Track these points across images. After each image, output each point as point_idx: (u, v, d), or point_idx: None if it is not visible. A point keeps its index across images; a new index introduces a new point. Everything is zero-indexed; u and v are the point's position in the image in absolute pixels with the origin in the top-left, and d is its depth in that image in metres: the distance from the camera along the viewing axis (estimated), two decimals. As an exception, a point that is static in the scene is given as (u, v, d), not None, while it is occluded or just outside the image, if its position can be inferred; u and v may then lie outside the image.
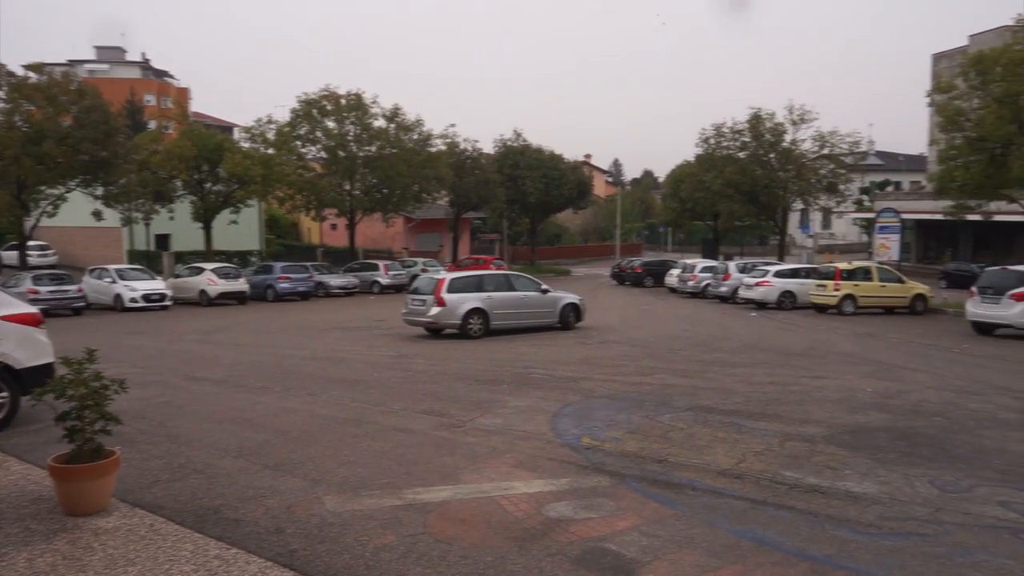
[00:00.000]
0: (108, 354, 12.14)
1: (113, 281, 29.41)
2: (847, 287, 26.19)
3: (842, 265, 28.05)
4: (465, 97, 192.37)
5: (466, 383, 12.41)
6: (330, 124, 41.32)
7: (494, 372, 13.60)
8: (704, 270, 35.16)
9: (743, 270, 31.92)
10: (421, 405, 10.56)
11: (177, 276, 34.20)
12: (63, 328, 20.35)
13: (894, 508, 6.28)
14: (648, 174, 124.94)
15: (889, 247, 35.15)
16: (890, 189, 59.03)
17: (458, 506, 6.31)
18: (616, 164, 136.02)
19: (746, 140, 41.20)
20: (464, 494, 6.61)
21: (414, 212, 48.49)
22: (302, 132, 41.15)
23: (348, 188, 42.00)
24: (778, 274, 29.34)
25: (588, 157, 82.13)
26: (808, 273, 29.30)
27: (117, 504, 6.13)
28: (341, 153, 40.92)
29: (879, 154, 66.24)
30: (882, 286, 26.62)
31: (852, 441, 8.47)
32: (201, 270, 32.59)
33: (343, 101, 40.70)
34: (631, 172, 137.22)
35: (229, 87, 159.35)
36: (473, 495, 6.58)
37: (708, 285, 33.83)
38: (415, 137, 42.80)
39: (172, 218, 37.62)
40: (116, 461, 6.03)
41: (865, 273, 26.95)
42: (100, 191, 33.01)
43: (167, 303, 29.73)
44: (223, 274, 32.40)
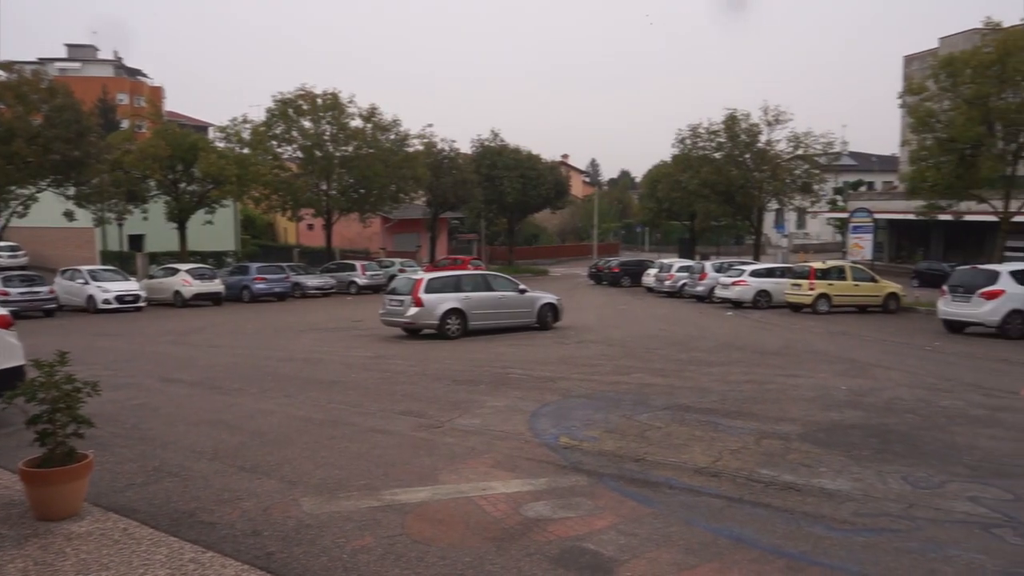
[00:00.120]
0: (80, 356, 11.99)
1: (85, 282, 29.01)
2: (821, 286, 26.48)
3: (816, 264, 28.35)
4: (442, 97, 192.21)
5: (444, 383, 12.39)
6: (306, 124, 41.07)
7: (472, 372, 13.59)
8: (681, 270, 35.38)
9: (719, 270, 32.15)
10: (399, 406, 10.53)
11: (151, 277, 33.79)
12: (34, 330, 20.04)
13: (868, 504, 6.36)
14: (625, 174, 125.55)
15: (862, 246, 35.57)
16: (863, 189, 59.78)
17: (436, 507, 6.30)
18: (593, 164, 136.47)
19: (722, 141, 41.49)
20: (442, 495, 6.60)
21: (391, 212, 48.33)
22: (278, 132, 40.86)
23: (325, 188, 41.77)
24: (754, 273, 29.59)
25: (565, 157, 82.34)
26: (783, 272, 29.59)
27: (90, 508, 6.04)
28: (317, 153, 40.70)
29: (852, 155, 67.04)
30: (856, 285, 26.94)
31: (827, 439, 8.57)
32: (176, 271, 32.24)
33: (319, 101, 40.48)
34: (608, 172, 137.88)
35: (203, 86, 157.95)
36: (451, 496, 6.57)
37: (685, 285, 34.06)
38: (392, 137, 42.67)
39: (146, 218, 37.18)
40: (89, 465, 5.95)
41: (839, 272, 27.27)
42: (72, 191, 32.52)
43: (141, 304, 29.38)
44: (198, 275, 32.08)
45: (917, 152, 28.31)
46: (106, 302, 28.37)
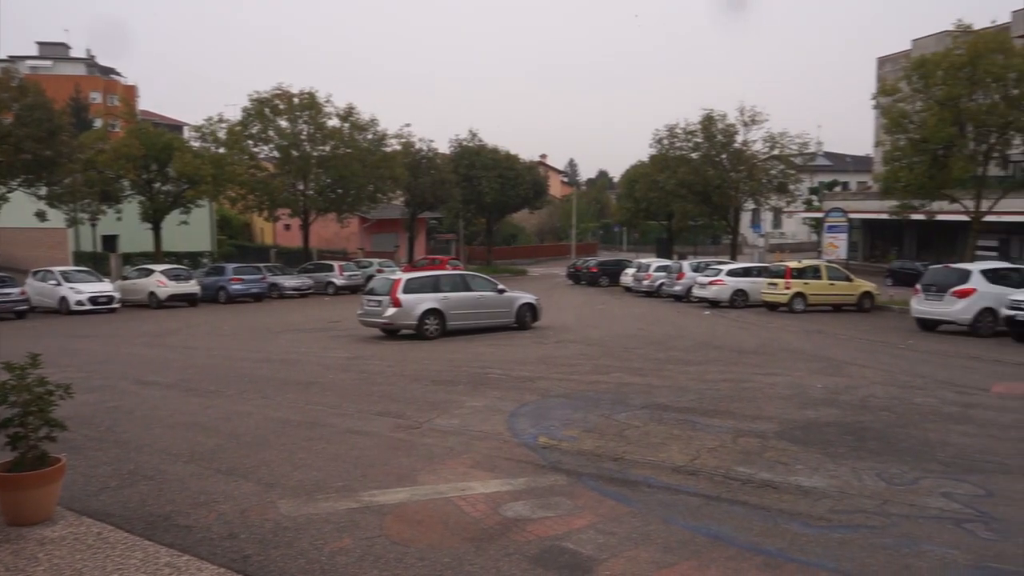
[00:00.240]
0: (53, 359, 11.82)
1: (58, 283, 28.61)
2: (797, 285, 26.73)
3: (792, 264, 28.62)
4: (419, 97, 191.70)
5: (422, 384, 12.36)
6: (283, 123, 40.75)
7: (451, 373, 13.57)
8: (658, 269, 35.58)
9: (697, 269, 32.37)
10: (377, 407, 10.49)
11: (125, 278, 33.37)
12: (5, 332, 19.74)
13: (843, 501, 6.43)
14: (603, 174, 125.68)
15: (837, 246, 35.94)
16: (838, 189, 60.40)
17: (415, 508, 6.28)
18: (572, 164, 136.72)
19: (698, 141, 41.70)
20: (421, 495, 6.58)
21: (369, 212, 48.13)
22: (254, 131, 40.49)
23: (302, 188, 41.49)
24: (731, 273, 29.81)
25: (544, 157, 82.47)
26: (760, 272, 29.83)
27: (63, 513, 5.96)
28: (294, 152, 40.41)
29: (827, 155, 67.75)
30: (831, 284, 27.22)
31: (803, 436, 8.65)
32: (150, 272, 31.87)
33: (296, 100, 40.20)
34: (586, 172, 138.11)
35: (178, 86, 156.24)
36: (430, 496, 6.56)
37: (662, 284, 34.27)
38: (370, 137, 42.48)
39: (120, 219, 36.69)
40: (61, 468, 5.88)
41: (814, 272, 27.54)
42: (44, 191, 32.02)
43: (115, 306, 29.01)
44: (173, 276, 31.76)
45: (890, 153, 28.64)
46: (79, 303, 27.99)
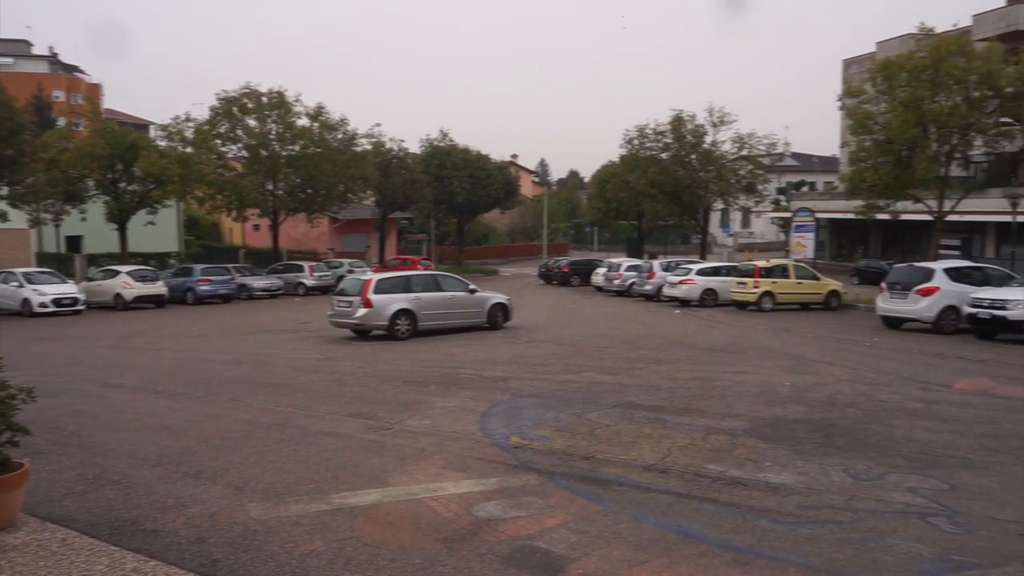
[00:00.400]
0: (16, 362, 11.58)
1: (20, 285, 28.04)
2: (766, 284, 27.03)
3: (761, 263, 28.94)
4: (388, 96, 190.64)
5: (394, 385, 12.31)
6: (251, 122, 40.34)
7: (422, 373, 13.53)
8: (629, 269, 35.76)
9: (667, 268, 32.58)
10: (348, 408, 10.43)
11: (90, 279, 32.84)
12: (-35, 335, 19.32)
13: (811, 497, 6.52)
14: (574, 174, 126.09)
15: (805, 245, 36.48)
16: (805, 189, 61.13)
17: (387, 509, 6.25)
18: (543, 164, 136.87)
19: (668, 141, 42.00)
20: (393, 497, 6.56)
21: (339, 212, 47.85)
22: (222, 130, 40.04)
23: (271, 188, 41.10)
24: (700, 272, 30.07)
25: (515, 157, 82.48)
26: (729, 271, 30.12)
27: (26, 519, 5.85)
28: (263, 152, 40.00)
29: (795, 155, 68.57)
30: (799, 283, 27.57)
31: (771, 433, 8.75)
32: (116, 273, 31.39)
33: (264, 99, 39.82)
34: (557, 172, 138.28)
35: (147, 84, 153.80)
36: (402, 497, 6.53)
37: (633, 283, 34.44)
38: (340, 136, 42.21)
39: (84, 219, 36.06)
40: (24, 474, 5.77)
41: (783, 271, 27.89)
42: (5, 191, 31.40)
43: (80, 308, 28.50)
44: (140, 277, 31.29)
45: (856, 153, 29.10)
46: (42, 305, 27.47)
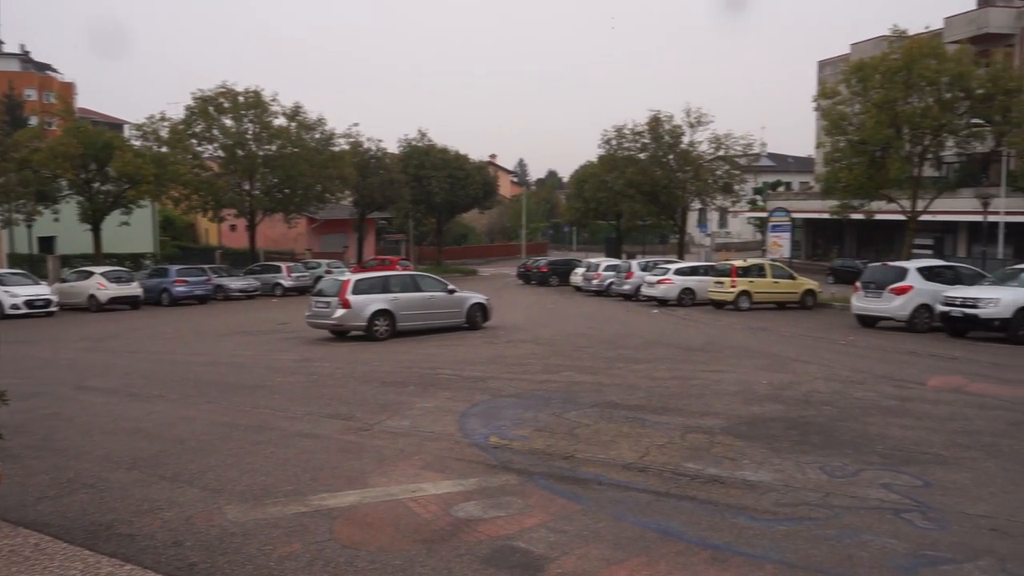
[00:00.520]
0: (-14, 365, 11.41)
1: (-9, 287, 27.62)
2: (743, 284, 27.23)
3: (738, 263, 29.14)
4: (365, 95, 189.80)
5: (372, 386, 12.27)
6: (228, 122, 40.01)
7: (401, 374, 13.49)
8: (608, 269, 35.89)
9: (645, 268, 32.73)
10: (326, 409, 10.38)
11: (64, 281, 32.38)
12: (-65, 338, 18.99)
13: (788, 495, 6.58)
14: (553, 174, 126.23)
15: (781, 245, 36.77)
16: (781, 189, 61.72)
17: (365, 510, 6.23)
18: (521, 164, 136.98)
19: (646, 142, 42.20)
20: (371, 498, 6.53)
21: (317, 212, 47.57)
22: (198, 130, 39.69)
23: (248, 188, 40.78)
24: (678, 272, 30.23)
25: (493, 157, 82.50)
26: (706, 271, 30.31)
27: (-2, 524, 5.77)
28: (240, 152, 39.68)
29: (771, 156, 69.26)
30: (775, 282, 27.80)
31: (748, 432, 8.82)
32: (90, 274, 30.98)
33: (241, 99, 39.50)
34: (536, 172, 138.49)
35: (121, 84, 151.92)
36: (381, 499, 6.51)
37: (612, 283, 34.57)
38: (317, 136, 41.98)
39: (57, 220, 35.58)
40: (-4, 478, 5.69)
41: (759, 270, 28.10)
42: (-25, 191, 30.97)
43: (52, 309, 28.10)
44: (114, 278, 30.91)
45: (831, 154, 29.41)
46: (14, 307, 27.06)
